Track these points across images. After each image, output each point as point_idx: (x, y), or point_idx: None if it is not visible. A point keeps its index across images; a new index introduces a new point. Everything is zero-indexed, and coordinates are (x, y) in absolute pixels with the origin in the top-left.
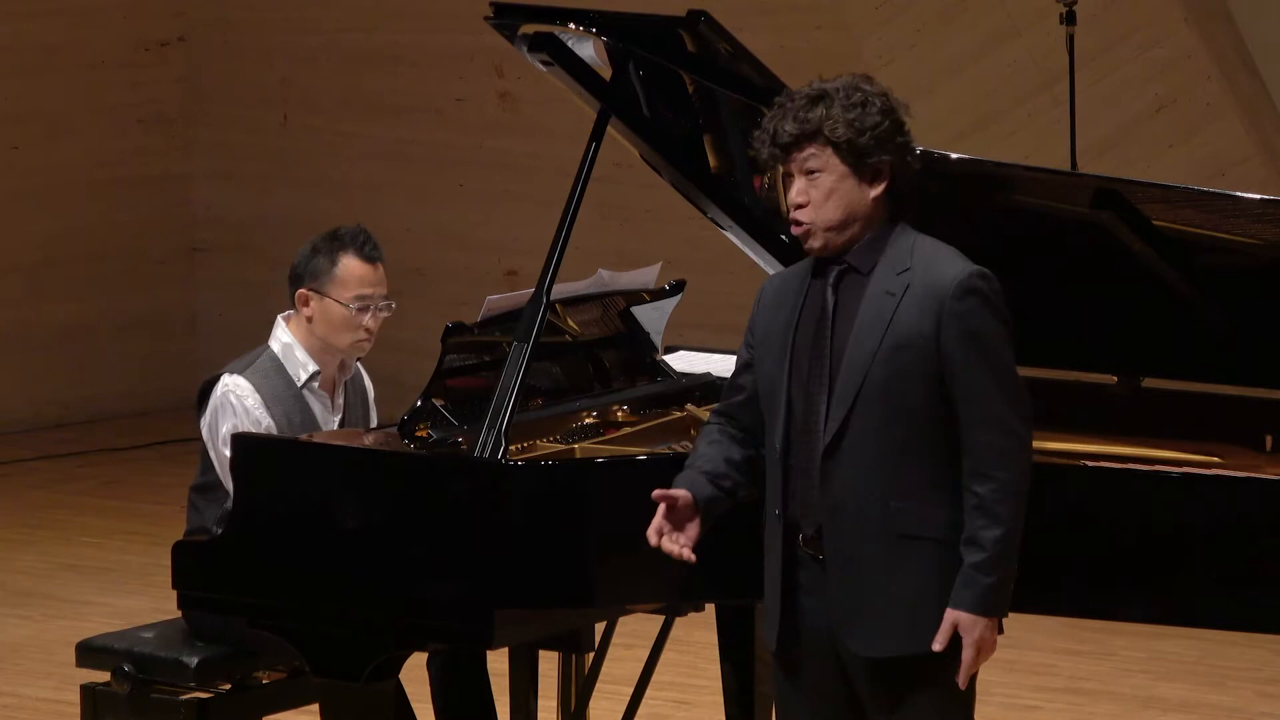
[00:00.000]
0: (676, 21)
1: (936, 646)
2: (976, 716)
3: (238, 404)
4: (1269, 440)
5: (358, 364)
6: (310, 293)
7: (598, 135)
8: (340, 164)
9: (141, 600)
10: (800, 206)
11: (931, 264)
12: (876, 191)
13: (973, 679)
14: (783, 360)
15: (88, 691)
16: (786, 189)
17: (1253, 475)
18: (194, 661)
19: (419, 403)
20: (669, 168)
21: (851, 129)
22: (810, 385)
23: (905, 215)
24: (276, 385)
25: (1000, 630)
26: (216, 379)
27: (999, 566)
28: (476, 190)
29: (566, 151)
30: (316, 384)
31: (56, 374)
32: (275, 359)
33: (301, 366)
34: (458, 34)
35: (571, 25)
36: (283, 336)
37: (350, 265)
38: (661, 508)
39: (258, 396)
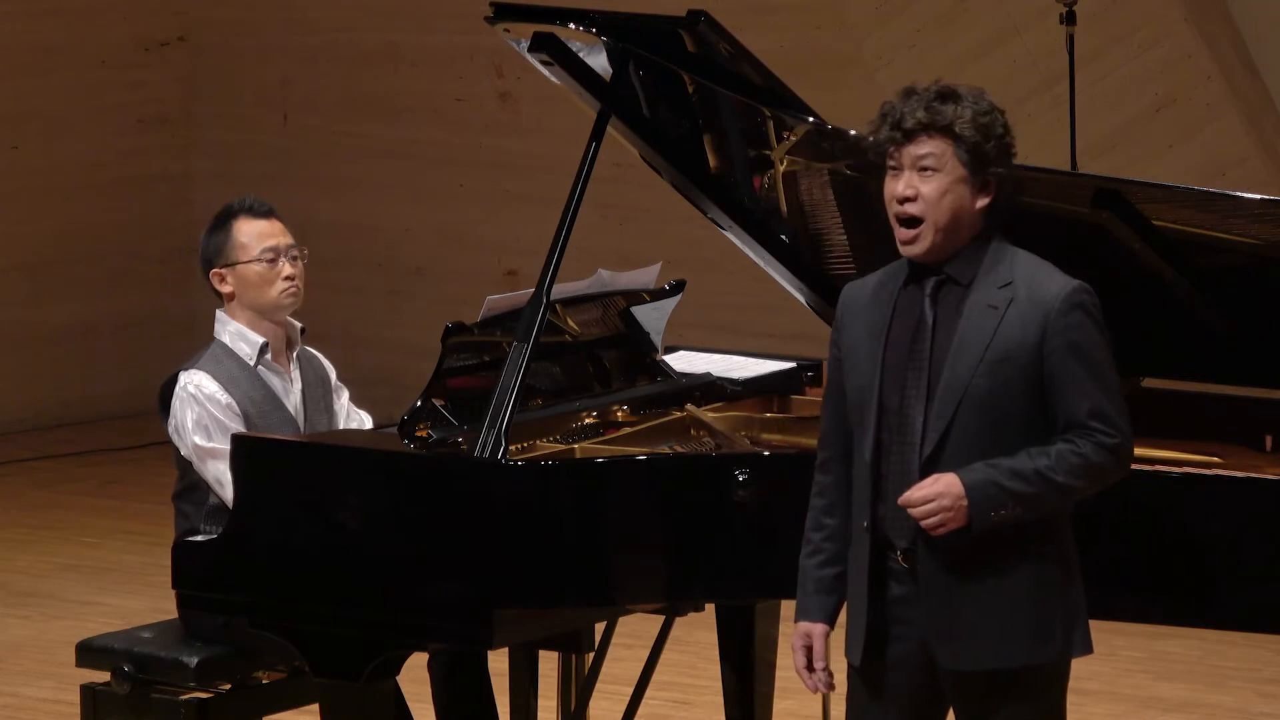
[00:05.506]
0: (676, 21)
1: (911, 494)
2: None
3: (197, 392)
4: (1269, 440)
5: (316, 353)
6: (221, 270)
7: (598, 135)
8: (340, 164)
9: (141, 600)
10: (908, 200)
11: (1034, 278)
12: (983, 203)
13: (1064, 699)
14: (874, 370)
15: (88, 692)
16: (890, 182)
17: (1253, 475)
18: (194, 661)
19: (419, 403)
20: (669, 168)
21: (980, 133)
22: (906, 396)
23: (997, 232)
24: (230, 369)
25: (969, 524)
26: (173, 381)
27: (1017, 491)
28: (476, 190)
29: (566, 151)
30: (269, 356)
31: (56, 374)
32: (224, 346)
33: (248, 344)
34: (458, 34)
35: (572, 25)
36: (225, 325)
37: (243, 227)
38: (799, 655)
39: (215, 382)
